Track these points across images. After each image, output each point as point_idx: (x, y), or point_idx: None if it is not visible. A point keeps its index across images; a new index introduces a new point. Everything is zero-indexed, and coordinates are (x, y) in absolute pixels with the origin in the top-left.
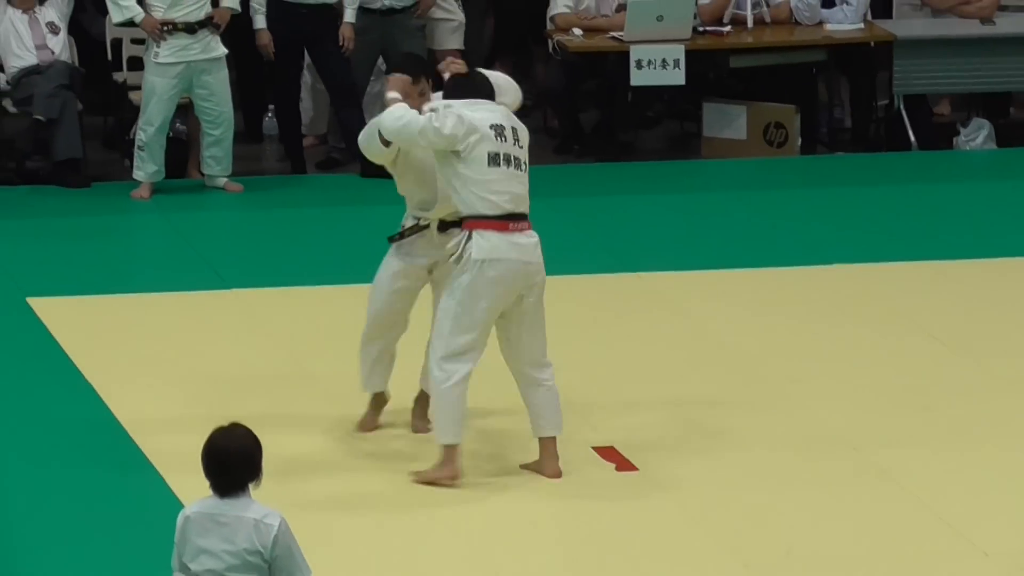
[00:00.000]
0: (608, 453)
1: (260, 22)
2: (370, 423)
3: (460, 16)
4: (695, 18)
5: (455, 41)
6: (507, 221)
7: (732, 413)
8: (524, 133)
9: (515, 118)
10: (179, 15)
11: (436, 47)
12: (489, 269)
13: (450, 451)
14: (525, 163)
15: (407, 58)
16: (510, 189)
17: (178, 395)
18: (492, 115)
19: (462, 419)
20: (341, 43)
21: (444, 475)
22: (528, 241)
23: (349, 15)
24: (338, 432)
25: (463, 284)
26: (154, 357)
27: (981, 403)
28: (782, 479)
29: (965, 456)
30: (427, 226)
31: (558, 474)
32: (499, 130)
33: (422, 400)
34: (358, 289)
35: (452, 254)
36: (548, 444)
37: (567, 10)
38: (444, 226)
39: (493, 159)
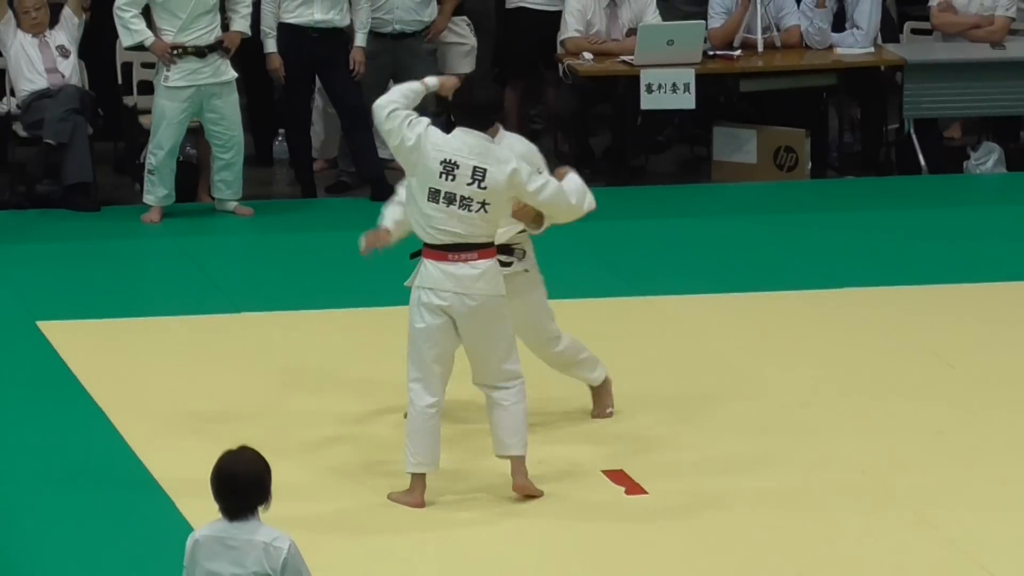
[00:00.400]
0: (618, 477)
1: (271, 46)
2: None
3: (472, 40)
4: (705, 42)
5: (467, 65)
6: (447, 252)
7: (742, 437)
8: (496, 176)
9: (496, 157)
10: (189, 39)
11: (447, 71)
12: (420, 300)
13: (415, 480)
14: (481, 204)
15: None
16: (450, 228)
17: (188, 418)
18: (459, 149)
19: (426, 448)
20: (352, 67)
21: (409, 501)
22: (469, 272)
23: (360, 39)
24: (348, 457)
25: (410, 310)
26: (164, 381)
27: (991, 427)
28: (792, 503)
29: (975, 480)
30: None
31: (522, 489)
32: (449, 167)
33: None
34: (368, 313)
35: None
36: (513, 463)
37: (578, 34)
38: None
39: (433, 195)
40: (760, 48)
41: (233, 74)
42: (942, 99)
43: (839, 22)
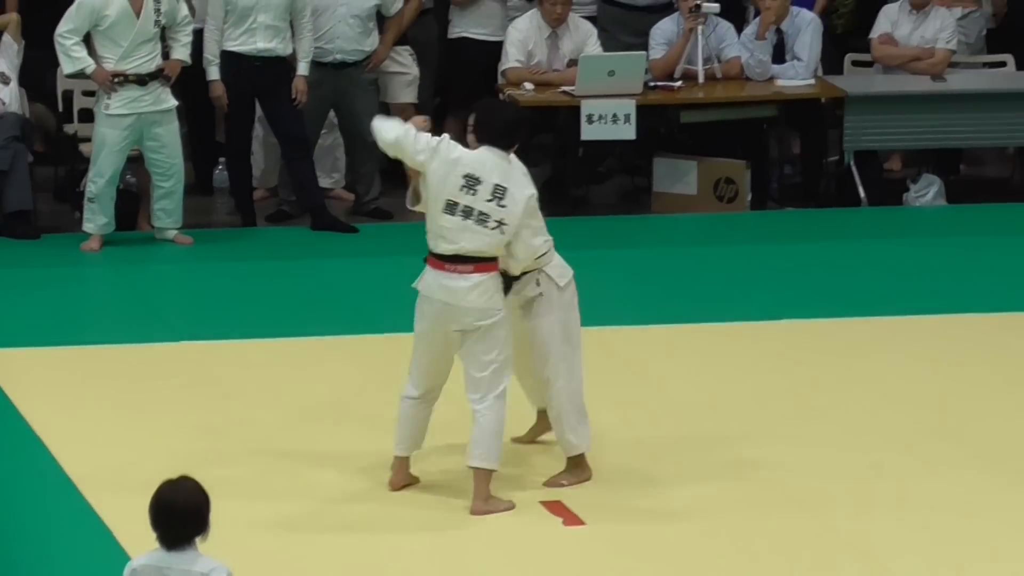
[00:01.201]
0: (556, 508)
1: (214, 73)
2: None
3: (414, 70)
4: (646, 73)
5: (409, 95)
6: (444, 261)
7: (682, 469)
8: (515, 196)
9: (518, 179)
10: (130, 67)
11: (390, 100)
12: (420, 303)
13: (396, 461)
14: (499, 221)
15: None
16: (459, 241)
17: (127, 447)
18: (483, 166)
19: (408, 435)
20: (294, 96)
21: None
22: (461, 284)
23: (302, 68)
24: (288, 482)
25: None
26: (103, 410)
27: (928, 458)
28: (732, 536)
29: (909, 512)
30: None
31: (475, 511)
32: (472, 182)
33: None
34: (308, 342)
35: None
36: (475, 475)
37: (519, 64)
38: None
39: (449, 207)
40: (701, 79)
41: (174, 102)
42: (882, 131)
43: (779, 54)
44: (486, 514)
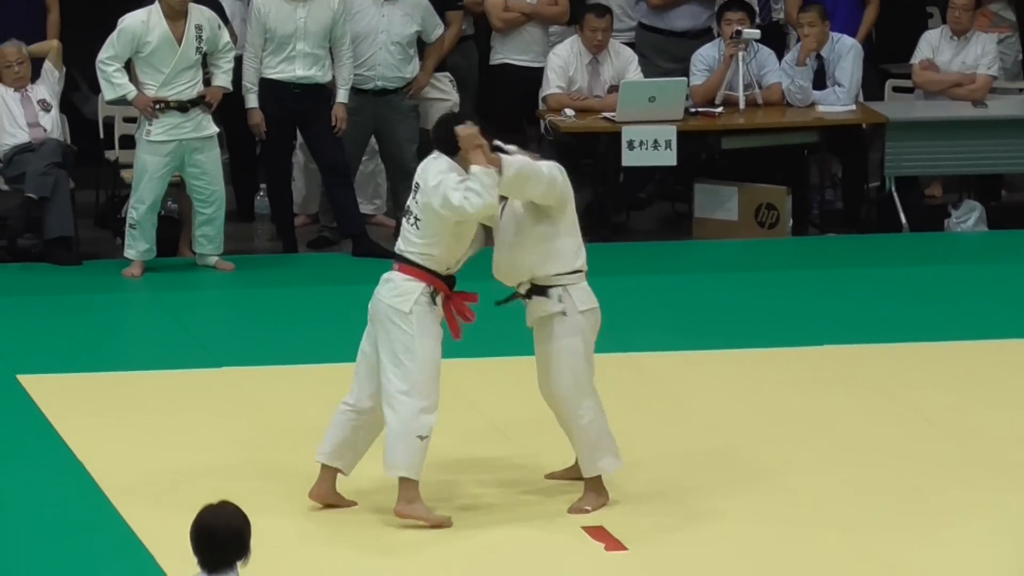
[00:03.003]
0: (598, 533)
1: (252, 101)
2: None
3: (455, 96)
4: (687, 99)
5: None
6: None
7: (721, 494)
8: (426, 189)
9: (431, 170)
10: (171, 93)
11: (431, 127)
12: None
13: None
14: (416, 218)
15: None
16: (401, 238)
17: (168, 473)
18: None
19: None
20: (334, 123)
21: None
22: (385, 276)
23: (342, 95)
24: (330, 511)
25: None
26: (145, 435)
27: (970, 486)
28: (771, 561)
29: (949, 538)
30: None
31: (399, 514)
32: (415, 187)
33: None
34: (349, 368)
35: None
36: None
37: (559, 91)
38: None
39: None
40: (742, 105)
41: (215, 129)
42: (923, 157)
43: (820, 80)
44: (407, 518)
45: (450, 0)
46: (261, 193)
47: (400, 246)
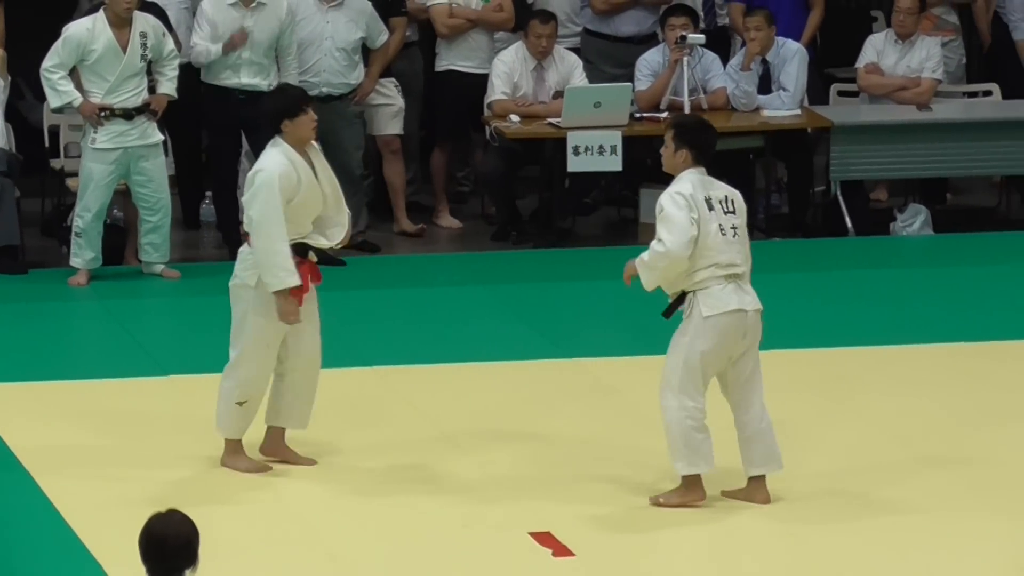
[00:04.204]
0: (545, 539)
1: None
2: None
3: (400, 101)
4: (632, 104)
5: (395, 127)
6: None
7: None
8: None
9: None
10: (117, 101)
11: (376, 133)
12: None
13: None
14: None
15: None
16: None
17: (116, 482)
18: None
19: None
20: None
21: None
22: (240, 251)
23: None
24: (277, 514)
25: None
26: (92, 444)
27: (917, 489)
28: (718, 565)
29: (896, 541)
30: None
31: (223, 463)
32: None
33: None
34: None
35: None
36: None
37: (504, 96)
38: None
39: None
40: (687, 110)
41: (160, 136)
42: (869, 161)
43: (765, 84)
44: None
45: (394, 6)
46: (207, 201)
47: (244, 223)
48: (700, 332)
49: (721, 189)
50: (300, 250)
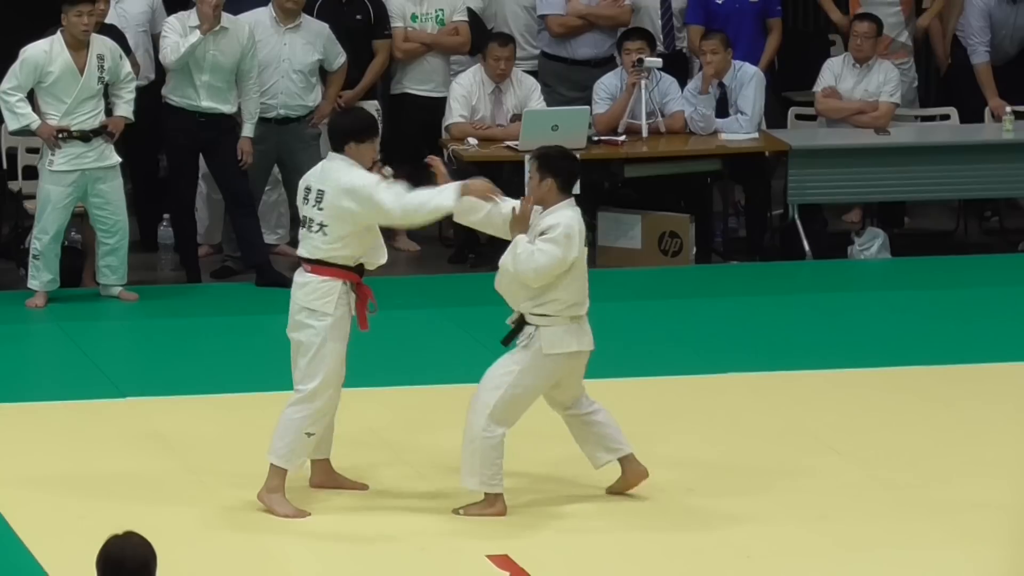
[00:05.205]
0: (502, 562)
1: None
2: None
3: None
4: (590, 128)
5: None
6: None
7: (628, 522)
8: (329, 194)
9: (331, 177)
10: (74, 123)
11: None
12: None
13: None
14: (320, 224)
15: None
16: (302, 245)
17: (73, 504)
18: (313, 175)
19: None
20: (239, 156)
21: None
22: (296, 278)
23: (248, 129)
24: (230, 538)
25: None
26: (49, 466)
27: (875, 511)
28: None
29: (854, 565)
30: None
31: (259, 498)
32: (305, 192)
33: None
34: (253, 398)
35: None
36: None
37: (462, 119)
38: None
39: (300, 220)
40: (644, 133)
41: (117, 158)
42: (826, 185)
43: (723, 108)
44: (262, 503)
45: (377, 29)
46: (164, 223)
47: (304, 252)
48: (530, 364)
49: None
50: (359, 270)
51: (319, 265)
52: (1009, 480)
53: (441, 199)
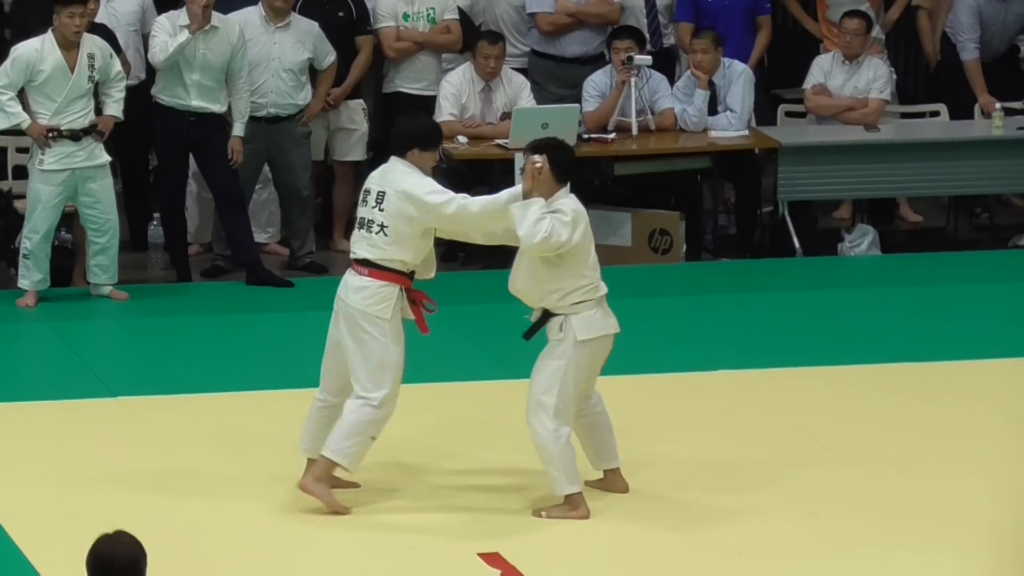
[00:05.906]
0: (493, 560)
1: (238, 129)
2: None
3: (364, 127)
4: (580, 125)
5: (357, 152)
6: (354, 263)
7: (617, 519)
8: (390, 195)
9: (392, 180)
10: (64, 122)
11: (338, 158)
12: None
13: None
14: (380, 224)
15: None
16: (358, 247)
17: (64, 503)
18: (374, 178)
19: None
20: (229, 156)
21: None
22: (349, 280)
23: (238, 128)
24: (222, 536)
25: None
26: (40, 466)
27: (865, 510)
28: None
29: (846, 563)
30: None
31: (303, 488)
32: (364, 195)
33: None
34: (244, 397)
35: None
36: (319, 461)
37: (452, 118)
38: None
39: (358, 223)
40: (635, 131)
41: (107, 158)
42: (816, 182)
43: (712, 105)
44: (309, 494)
45: (359, 25)
46: (155, 222)
47: (363, 253)
48: (572, 356)
49: None
50: (411, 277)
51: (376, 269)
52: (998, 476)
53: (501, 196)
